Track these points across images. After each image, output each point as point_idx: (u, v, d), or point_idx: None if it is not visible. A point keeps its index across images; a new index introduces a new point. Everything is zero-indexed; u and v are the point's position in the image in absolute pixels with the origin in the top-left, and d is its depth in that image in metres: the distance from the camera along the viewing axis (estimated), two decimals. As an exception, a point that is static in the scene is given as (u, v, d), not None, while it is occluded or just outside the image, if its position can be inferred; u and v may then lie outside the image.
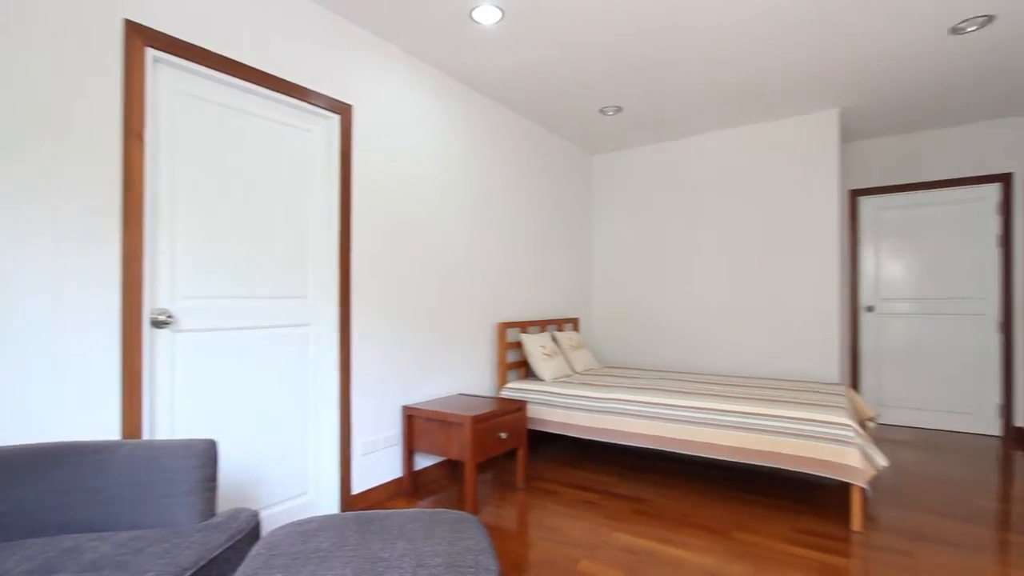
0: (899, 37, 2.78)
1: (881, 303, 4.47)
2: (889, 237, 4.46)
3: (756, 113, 3.91)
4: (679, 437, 2.80)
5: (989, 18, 2.58)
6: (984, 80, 3.31)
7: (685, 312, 4.48)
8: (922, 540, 2.29)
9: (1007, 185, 4.01)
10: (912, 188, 4.35)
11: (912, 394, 4.35)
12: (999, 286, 4.05)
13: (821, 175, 3.89)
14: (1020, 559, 2.13)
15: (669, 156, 4.56)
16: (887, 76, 3.25)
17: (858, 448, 2.35)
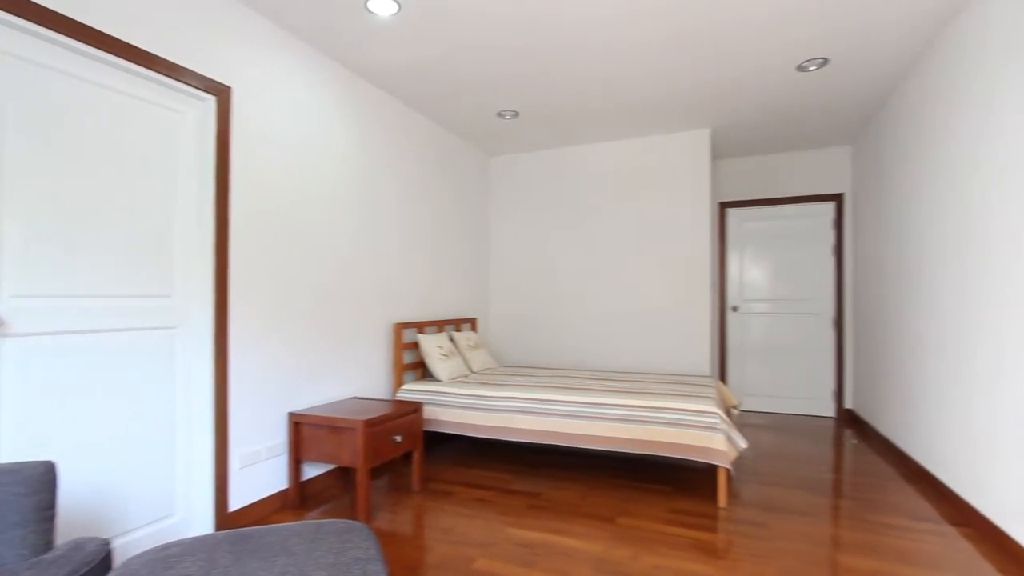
0: (757, 72, 3.15)
1: (744, 304, 5.03)
2: (751, 245, 5.03)
3: (641, 128, 4.20)
4: (570, 431, 2.93)
5: (825, 60, 3.02)
6: (823, 112, 3.86)
7: (576, 313, 4.69)
8: (775, 511, 2.61)
9: (839, 203, 4.72)
10: (769, 203, 4.95)
11: (768, 383, 4.95)
12: (833, 289, 4.74)
13: (695, 188, 4.29)
14: (848, 519, 2.51)
15: (563, 162, 4.76)
16: (749, 103, 3.67)
17: (724, 433, 2.62)
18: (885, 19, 2.59)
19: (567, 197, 4.75)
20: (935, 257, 2.85)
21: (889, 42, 2.81)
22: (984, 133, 2.32)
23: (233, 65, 2.44)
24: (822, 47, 2.88)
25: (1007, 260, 2.14)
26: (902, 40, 2.79)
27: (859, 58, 2.99)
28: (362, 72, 3.21)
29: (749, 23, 2.63)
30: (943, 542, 2.28)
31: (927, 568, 2.06)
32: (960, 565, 2.08)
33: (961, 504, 2.53)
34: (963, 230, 2.52)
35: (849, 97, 3.56)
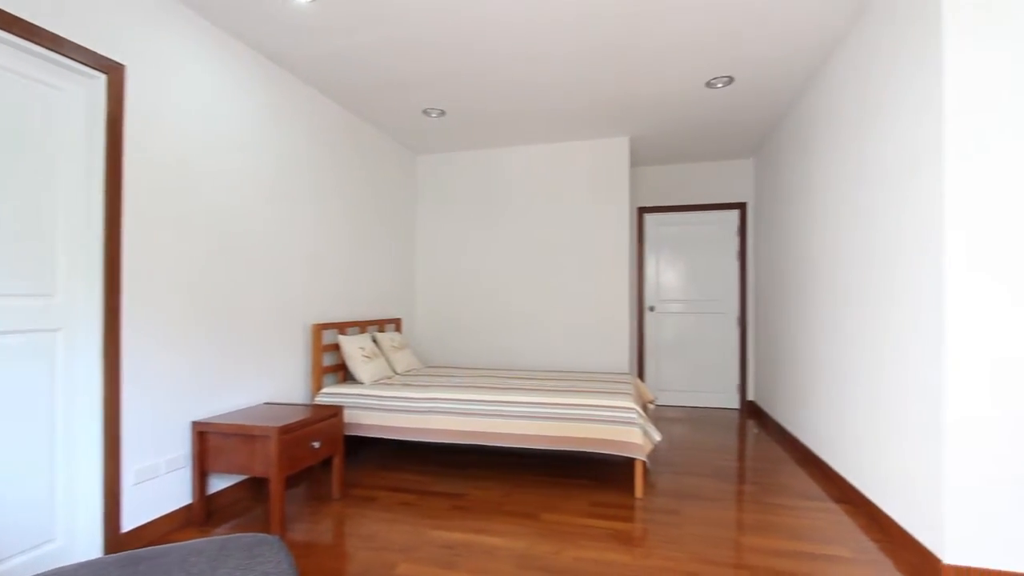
0: (671, 86, 3.34)
1: (660, 304, 5.32)
2: (666, 248, 5.32)
3: (565, 132, 4.32)
4: (493, 431, 2.95)
5: (731, 79, 3.26)
6: (729, 126, 4.16)
7: (502, 313, 4.74)
8: (687, 498, 2.78)
9: (743, 212, 5.12)
10: (683, 209, 5.26)
11: (681, 379, 5.26)
12: (738, 290, 5.13)
13: (616, 193, 4.47)
14: (749, 503, 2.72)
15: (490, 163, 4.79)
16: (664, 115, 3.88)
17: (640, 428, 2.75)
18: (778, 49, 2.84)
19: (494, 198, 4.78)
20: (822, 262, 3.16)
21: (783, 68, 3.09)
22: (864, 147, 2.60)
23: (130, 43, 2.23)
24: (728, 67, 3.10)
25: (882, 265, 2.42)
26: (794, 66, 3.08)
27: (759, 79, 3.26)
28: (279, 60, 3.05)
29: (664, 42, 2.79)
30: (828, 518, 2.54)
31: (814, 542, 2.28)
32: (841, 537, 2.33)
33: (843, 483, 2.83)
34: (847, 237, 2.81)
35: (752, 113, 3.87)
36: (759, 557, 2.14)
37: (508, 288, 4.73)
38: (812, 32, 2.71)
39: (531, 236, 4.68)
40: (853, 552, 2.19)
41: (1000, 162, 1.86)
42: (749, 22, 2.62)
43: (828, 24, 2.64)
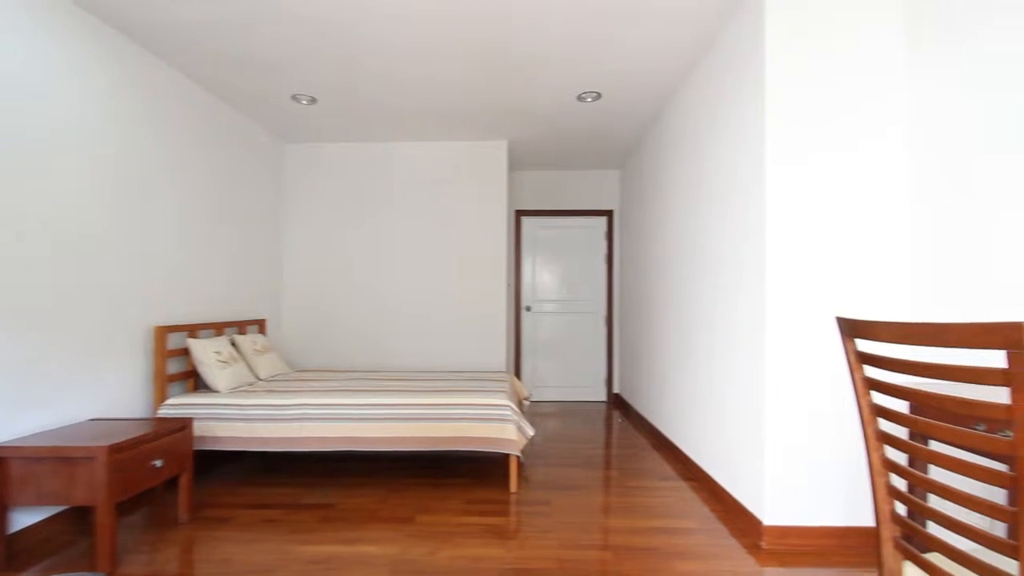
0: (544, 97, 3.51)
1: (536, 304, 5.54)
2: (542, 251, 5.56)
3: (445, 132, 4.31)
4: (367, 435, 2.84)
5: (599, 94, 3.51)
6: (599, 138, 4.47)
7: (379, 313, 4.59)
8: (558, 489, 2.92)
9: (610, 219, 5.53)
10: (558, 214, 5.54)
11: (555, 375, 5.53)
12: (605, 291, 5.53)
13: (495, 194, 4.57)
14: (613, 487, 2.94)
15: (369, 157, 4.61)
16: (540, 122, 4.05)
17: (514, 424, 2.84)
18: (639, 72, 3.12)
19: (371, 193, 4.61)
20: (673, 266, 3.53)
21: (645, 89, 3.40)
22: (707, 164, 2.96)
23: None
24: (596, 84, 3.34)
25: (721, 269, 2.76)
26: (654, 88, 3.40)
27: (625, 97, 3.55)
28: (122, 27, 2.63)
29: (539, 54, 2.91)
30: (678, 495, 2.84)
31: (666, 518, 2.54)
32: (688, 511, 2.62)
33: (690, 463, 3.18)
34: (694, 243, 3.17)
35: (618, 128, 4.20)
36: (621, 537, 2.33)
37: (386, 287, 4.59)
38: (669, 58, 3.01)
39: (411, 234, 4.60)
40: (697, 523, 2.48)
41: (801, 187, 2.23)
42: (612, 44, 2.84)
43: (682, 53, 2.95)
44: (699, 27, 2.66)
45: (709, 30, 2.70)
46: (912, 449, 1.04)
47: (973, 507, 0.89)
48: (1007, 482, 0.83)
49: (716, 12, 2.53)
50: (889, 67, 2.22)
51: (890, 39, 2.22)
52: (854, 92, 2.23)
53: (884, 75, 2.23)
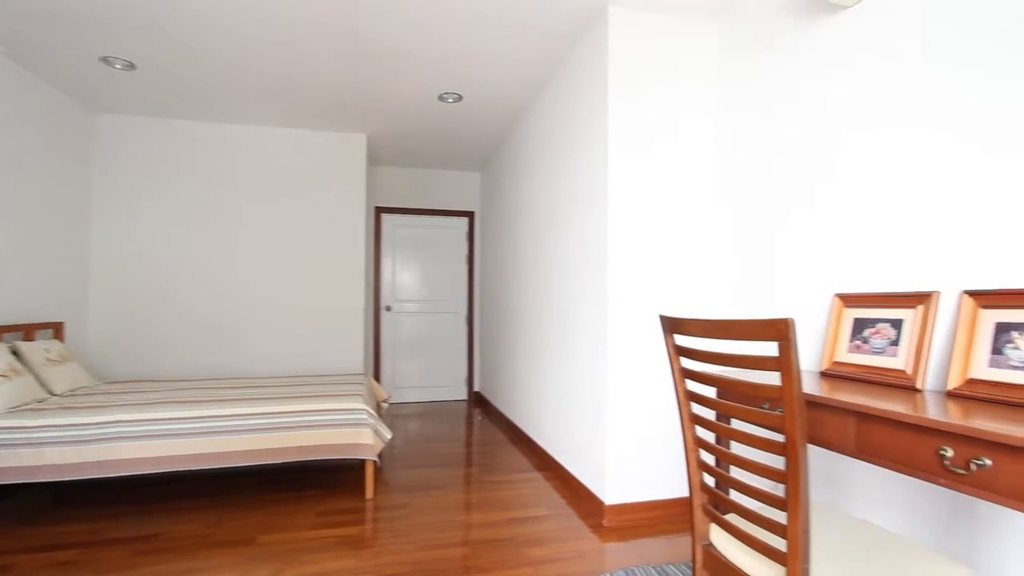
0: (407, 93, 3.44)
1: (397, 303, 5.41)
2: (403, 249, 5.44)
3: (297, 118, 4.01)
4: (198, 452, 2.53)
5: (460, 96, 3.55)
6: (460, 140, 4.51)
7: (218, 315, 4.10)
8: (417, 490, 2.88)
9: (472, 220, 5.62)
10: (420, 212, 5.47)
11: (416, 376, 5.45)
12: (466, 291, 5.60)
13: (352, 189, 4.36)
14: (472, 483, 2.98)
15: (203, 138, 4.09)
16: (401, 118, 3.97)
17: (371, 428, 2.74)
18: (498, 81, 3.22)
19: (210, 179, 4.10)
20: (529, 268, 3.70)
21: (503, 97, 3.51)
22: (559, 173, 3.15)
23: None
24: (458, 86, 3.36)
25: (572, 273, 2.96)
26: (512, 97, 3.53)
27: (485, 101, 3.63)
28: None
29: (401, 50, 2.85)
30: (533, 485, 2.98)
31: (521, 508, 2.65)
32: (541, 500, 2.76)
33: (544, 455, 3.36)
34: (547, 248, 3.35)
35: (480, 131, 4.28)
36: (479, 531, 2.37)
37: (229, 285, 4.12)
38: (528, 69, 3.14)
39: (259, 227, 4.18)
40: (549, 510, 2.63)
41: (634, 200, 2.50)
42: (474, 49, 2.88)
43: (540, 65, 3.10)
44: (555, 43, 2.82)
45: (563, 46, 2.87)
46: (714, 427, 1.22)
47: (760, 473, 1.07)
48: (781, 450, 1.01)
49: (570, 32, 2.70)
50: (707, 88, 2.58)
51: (707, 64, 2.58)
52: (680, 109, 2.55)
53: (701, 95, 2.58)
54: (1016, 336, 1.26)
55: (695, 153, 2.58)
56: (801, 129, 2.07)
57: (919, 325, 1.50)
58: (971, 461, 1.03)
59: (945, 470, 1.08)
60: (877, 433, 1.23)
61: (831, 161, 1.93)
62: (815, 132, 2.01)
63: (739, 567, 1.19)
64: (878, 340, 1.61)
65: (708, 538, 1.32)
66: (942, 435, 1.09)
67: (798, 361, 0.95)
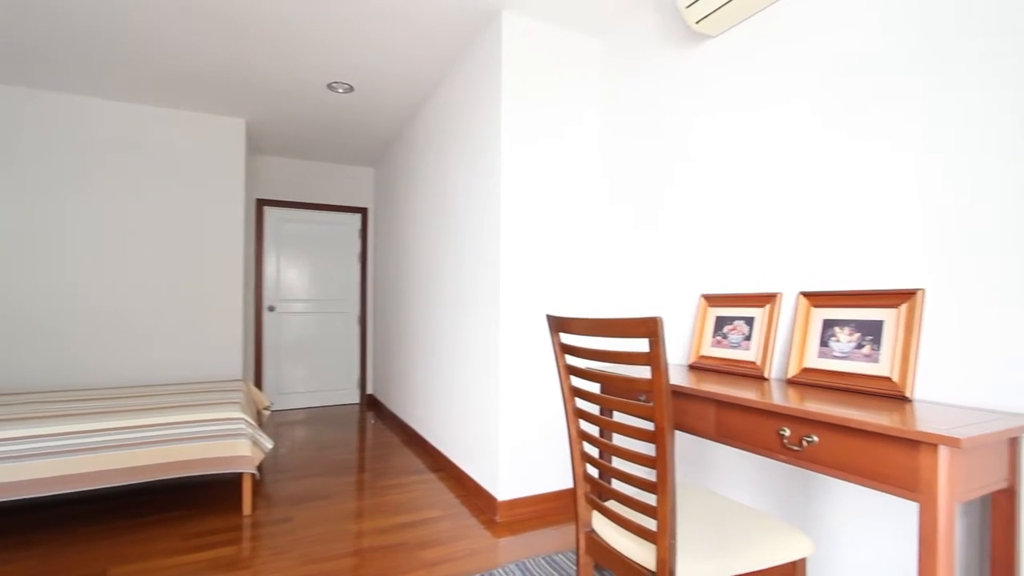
0: (291, 77, 3.23)
1: (281, 303, 5.05)
2: (290, 246, 5.10)
3: (169, 96, 3.58)
4: (33, 478, 2.16)
5: (351, 87, 3.40)
6: (352, 133, 4.33)
7: (66, 313, 3.54)
8: (302, 502, 2.71)
9: (365, 216, 5.42)
10: (309, 207, 5.15)
11: (304, 380, 5.14)
12: (359, 291, 5.39)
13: (230, 178, 3.99)
14: (363, 490, 2.88)
15: (59, 111, 3.50)
16: (286, 105, 3.71)
17: (249, 438, 2.54)
18: (393, 75, 3.14)
19: (46, 158, 3.52)
20: (423, 267, 3.66)
21: (398, 92, 3.43)
22: (454, 172, 3.14)
23: None
24: (348, 76, 3.22)
25: (459, 270, 2.97)
26: (407, 93, 3.46)
27: (379, 95, 3.52)
28: None
29: (284, 30, 2.66)
30: (427, 487, 2.94)
31: (415, 511, 2.61)
32: (435, 501, 2.74)
33: (439, 455, 3.34)
34: (441, 247, 3.33)
35: (373, 125, 4.14)
36: (370, 539, 2.30)
37: (76, 283, 3.56)
38: (423, 64, 3.10)
39: (115, 217, 3.67)
40: (443, 511, 2.61)
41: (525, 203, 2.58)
42: (363, 39, 2.78)
43: (435, 61, 3.06)
44: (450, 42, 2.81)
45: (459, 46, 2.87)
46: (595, 420, 1.29)
47: (634, 460, 1.15)
48: (653, 438, 1.09)
49: (465, 32, 2.70)
50: (593, 95, 2.73)
51: (593, 72, 2.73)
52: (568, 114, 2.67)
53: (588, 102, 2.72)
54: (838, 331, 1.49)
55: (583, 155, 2.72)
56: (664, 139, 2.27)
57: (766, 322, 1.71)
58: (803, 438, 1.19)
59: (784, 447, 1.24)
60: (732, 418, 1.38)
61: (697, 174, 2.13)
62: (681, 143, 2.20)
63: (618, 549, 1.27)
64: (735, 335, 1.81)
65: (591, 525, 1.40)
66: (782, 417, 1.26)
67: (666, 356, 1.04)
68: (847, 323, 1.47)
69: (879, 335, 1.39)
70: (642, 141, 2.47)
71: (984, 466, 1.09)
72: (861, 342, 1.42)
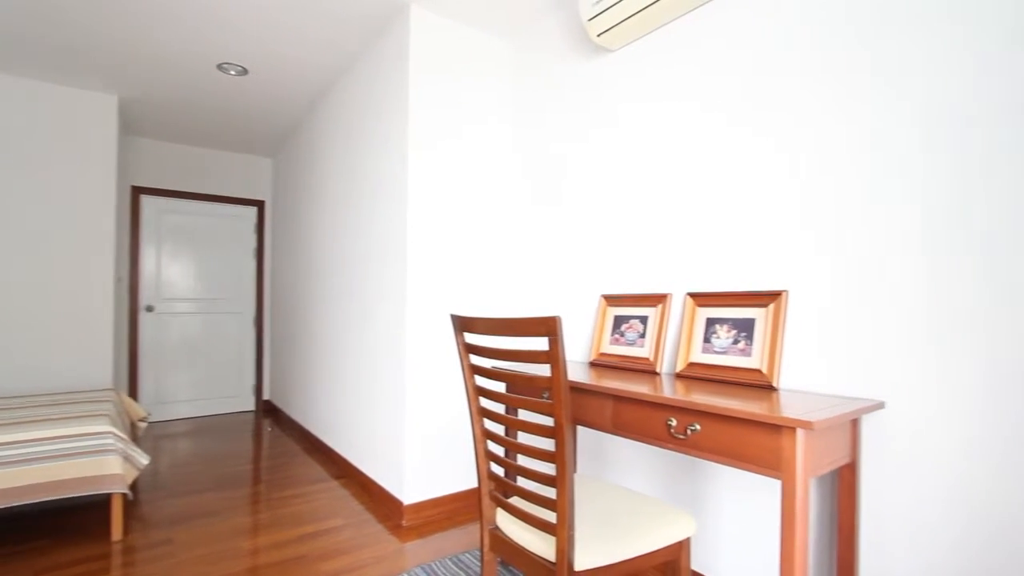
0: (173, 52, 2.93)
1: (162, 303, 4.57)
2: (172, 239, 4.63)
3: (21, 65, 3.09)
4: None
5: (245, 70, 3.16)
6: (246, 119, 4.02)
7: None
8: (185, 521, 2.48)
9: (261, 210, 5.06)
10: (196, 197, 4.71)
11: (190, 387, 4.69)
12: (254, 289, 5.03)
13: (97, 161, 3.54)
14: (258, 504, 2.69)
15: None
16: (168, 82, 3.36)
17: (119, 454, 2.27)
18: (292, 60, 2.96)
19: None
20: (327, 264, 3.49)
21: (298, 79, 3.24)
22: (360, 165, 3.03)
23: None
24: (241, 57, 2.99)
25: (366, 268, 2.88)
26: (308, 81, 3.28)
27: (277, 80, 3.30)
28: None
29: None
30: (329, 495, 2.81)
31: (315, 521, 2.48)
32: (338, 509, 2.63)
33: (342, 461, 3.21)
34: (347, 243, 3.20)
35: (270, 112, 3.87)
36: (265, 555, 2.15)
37: None
38: (325, 52, 2.95)
39: (-65, 204, 3.10)
40: (346, 519, 2.51)
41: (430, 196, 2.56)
42: (258, 18, 2.60)
43: (338, 50, 2.93)
44: (355, 31, 2.70)
45: (365, 36, 2.77)
46: (498, 418, 1.31)
47: (536, 456, 1.18)
48: (552, 433, 1.13)
49: (372, 23, 2.61)
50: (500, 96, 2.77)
51: (503, 71, 2.77)
52: (475, 113, 2.68)
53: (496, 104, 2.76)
54: (719, 328, 1.63)
55: (494, 155, 2.74)
56: (569, 144, 2.36)
57: (658, 320, 1.84)
58: (687, 428, 1.29)
59: (671, 437, 1.34)
60: (626, 411, 1.47)
61: (600, 180, 2.24)
62: (584, 150, 2.30)
63: (520, 544, 1.30)
64: (631, 333, 1.92)
65: (495, 522, 1.42)
66: (669, 408, 1.36)
67: (564, 354, 1.08)
68: (726, 321, 1.62)
69: (752, 332, 1.54)
70: (551, 145, 2.54)
71: (832, 445, 1.26)
72: (737, 338, 1.57)
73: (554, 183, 2.50)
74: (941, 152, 1.27)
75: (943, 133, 1.27)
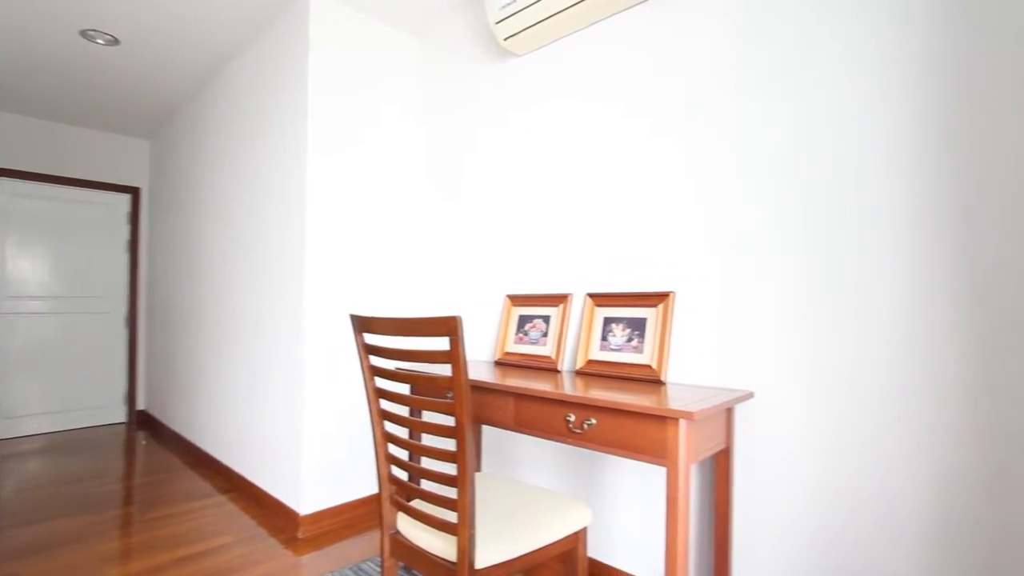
0: (29, 12, 2.54)
1: (8, 301, 3.94)
2: (23, 228, 4.01)
3: None
4: None
5: (116, 40, 2.82)
6: (117, 96, 3.58)
7: None
8: (35, 553, 2.16)
9: (136, 197, 4.54)
10: (55, 180, 4.11)
11: (44, 399, 4.09)
12: (127, 286, 4.50)
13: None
14: (128, 526, 2.41)
15: None
16: (18, 46, 2.91)
17: (-52, 480, 1.93)
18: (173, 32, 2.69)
19: None
20: (216, 260, 3.21)
21: (180, 55, 2.95)
22: (255, 155, 2.82)
23: None
24: (111, 25, 2.66)
25: (267, 265, 2.69)
26: (193, 58, 2.99)
27: (154, 55, 2.97)
28: None
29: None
30: (215, 511, 2.59)
31: (199, 540, 2.27)
32: (226, 526, 2.43)
33: (230, 474, 2.97)
34: (240, 236, 2.97)
35: (147, 90, 3.48)
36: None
37: None
38: (212, 29, 2.71)
39: None
40: (236, 536, 2.33)
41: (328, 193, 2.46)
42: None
43: (227, 28, 2.70)
44: (245, 11, 2.51)
45: (257, 17, 2.58)
46: (400, 420, 1.29)
47: (438, 456, 1.18)
48: (452, 433, 1.13)
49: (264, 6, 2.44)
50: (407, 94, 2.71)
51: (410, 69, 2.72)
52: (380, 110, 2.61)
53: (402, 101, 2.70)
54: (614, 327, 1.73)
55: (400, 154, 2.68)
56: (476, 144, 2.38)
57: (560, 320, 1.90)
58: (584, 422, 1.35)
59: (570, 432, 1.39)
60: (528, 409, 1.51)
61: (505, 181, 2.27)
62: (492, 150, 2.33)
63: (422, 547, 1.29)
64: (534, 332, 1.98)
65: (395, 527, 1.39)
66: (567, 404, 1.41)
67: (464, 353, 1.08)
68: (621, 320, 1.72)
69: (644, 330, 1.65)
70: (457, 144, 2.53)
71: (710, 432, 1.38)
72: (631, 336, 1.67)
73: (458, 183, 2.50)
74: (814, 165, 1.45)
75: (807, 149, 1.45)
